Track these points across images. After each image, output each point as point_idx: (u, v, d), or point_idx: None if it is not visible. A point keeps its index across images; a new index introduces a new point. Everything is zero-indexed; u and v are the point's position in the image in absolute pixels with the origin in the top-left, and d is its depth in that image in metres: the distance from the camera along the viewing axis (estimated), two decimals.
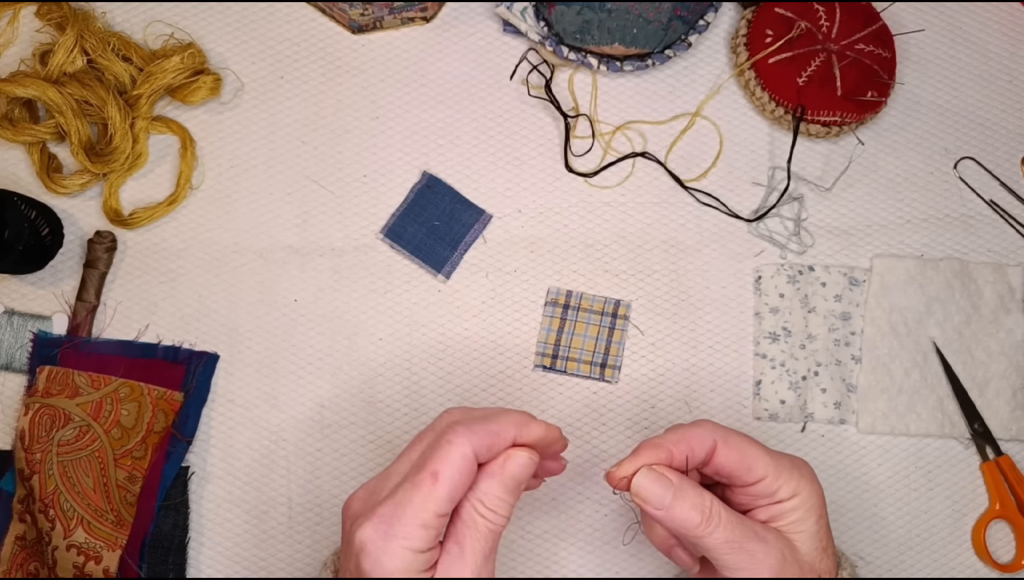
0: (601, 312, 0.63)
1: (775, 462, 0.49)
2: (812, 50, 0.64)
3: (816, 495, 0.49)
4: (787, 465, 0.49)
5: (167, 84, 0.63)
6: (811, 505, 0.49)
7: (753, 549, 0.46)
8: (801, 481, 0.49)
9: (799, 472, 0.49)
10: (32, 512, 0.59)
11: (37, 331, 0.62)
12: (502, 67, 0.67)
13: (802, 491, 0.48)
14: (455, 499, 0.45)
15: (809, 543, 0.48)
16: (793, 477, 0.49)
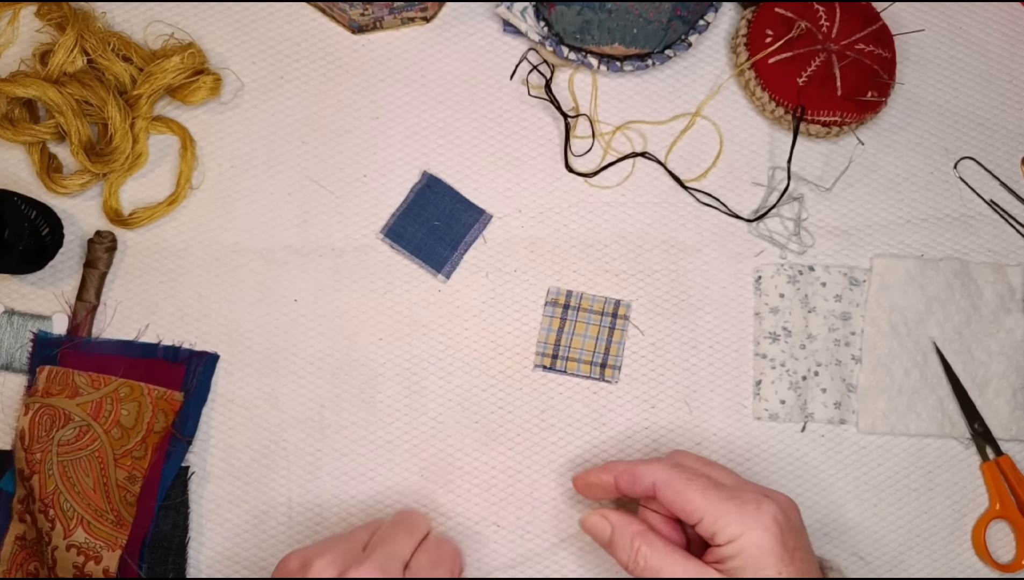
0: (601, 312, 0.63)
1: (716, 506, 0.49)
2: (812, 50, 0.64)
3: (762, 543, 0.48)
4: (731, 508, 0.49)
5: (167, 84, 0.63)
6: (752, 552, 0.48)
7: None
8: (746, 528, 0.48)
9: (747, 518, 0.48)
10: (32, 512, 0.59)
11: (37, 331, 0.62)
12: (502, 67, 0.67)
13: (742, 538, 0.48)
14: None
15: None
16: (733, 522, 0.48)
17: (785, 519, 0.49)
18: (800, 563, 0.49)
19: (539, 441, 0.63)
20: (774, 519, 0.48)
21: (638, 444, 0.63)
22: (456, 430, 0.63)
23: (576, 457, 0.62)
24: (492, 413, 0.63)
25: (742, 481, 0.54)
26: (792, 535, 0.49)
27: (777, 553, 0.48)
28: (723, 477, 0.53)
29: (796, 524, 0.51)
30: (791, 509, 0.52)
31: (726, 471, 0.55)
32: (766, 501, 0.50)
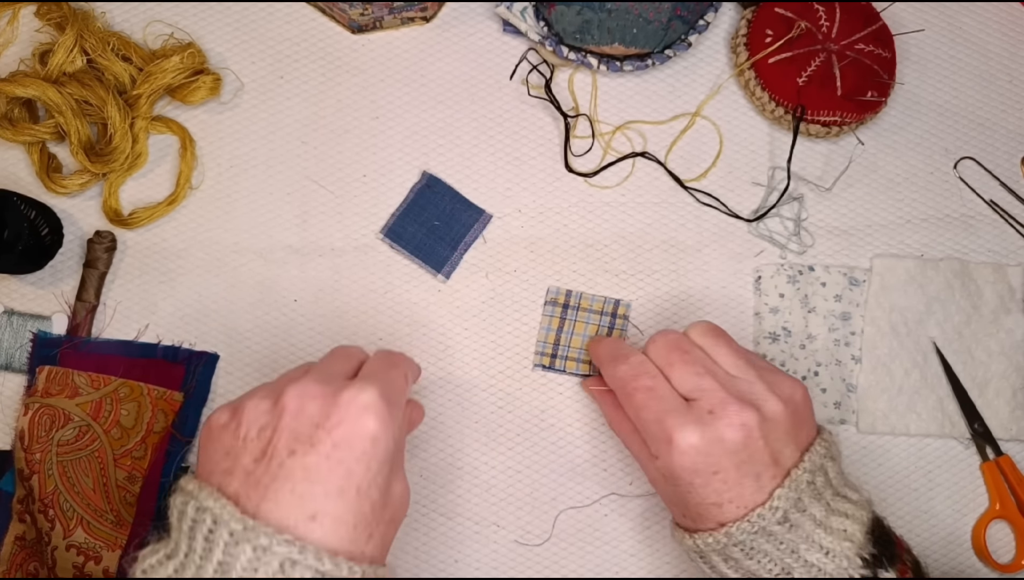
0: (601, 312, 0.63)
1: (643, 426, 0.53)
2: (812, 50, 0.64)
3: (668, 465, 0.51)
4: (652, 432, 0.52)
5: (167, 84, 0.63)
6: (663, 468, 0.52)
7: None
8: (659, 455, 0.51)
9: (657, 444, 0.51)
10: (32, 512, 0.59)
11: (37, 331, 0.62)
12: (502, 67, 0.67)
13: (659, 458, 0.52)
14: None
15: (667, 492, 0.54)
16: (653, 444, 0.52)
17: (706, 446, 0.49)
18: (720, 484, 0.49)
19: (539, 441, 0.63)
20: (687, 449, 0.49)
21: None
22: (456, 430, 0.63)
23: (576, 457, 0.62)
24: (492, 413, 0.63)
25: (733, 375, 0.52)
26: (713, 460, 0.49)
27: (684, 479, 0.50)
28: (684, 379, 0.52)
29: (731, 446, 0.49)
30: (735, 428, 0.49)
31: (732, 359, 0.53)
32: (689, 427, 0.49)
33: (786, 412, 0.51)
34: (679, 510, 0.53)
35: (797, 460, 0.51)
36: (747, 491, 0.49)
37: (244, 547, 0.40)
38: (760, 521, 0.49)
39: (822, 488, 0.51)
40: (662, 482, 0.53)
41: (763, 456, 0.50)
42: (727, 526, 0.49)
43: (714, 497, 0.50)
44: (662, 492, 0.54)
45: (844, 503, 0.51)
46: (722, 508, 0.50)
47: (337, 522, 0.42)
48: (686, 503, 0.51)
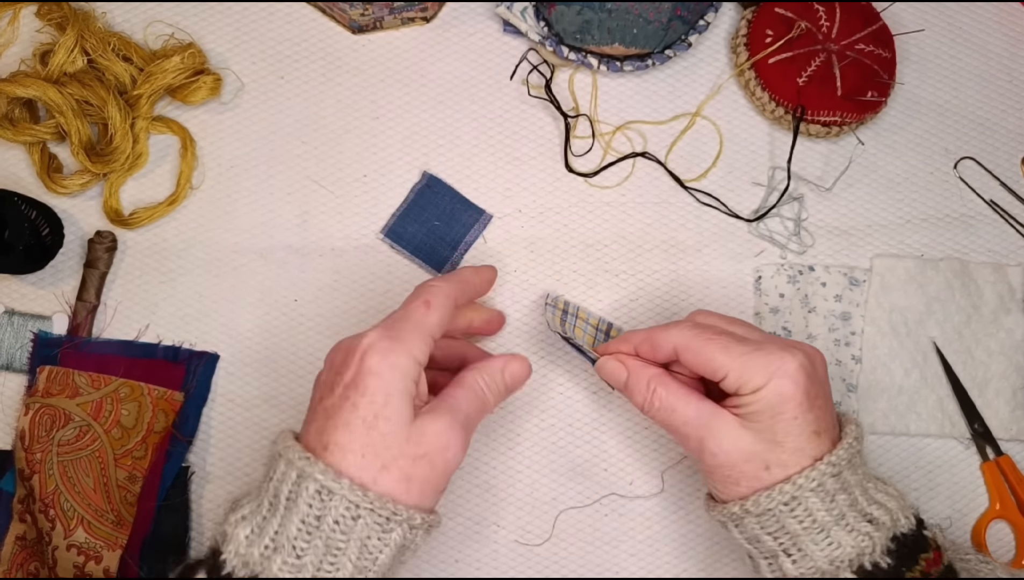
0: (596, 327, 0.63)
1: (740, 360, 0.50)
2: (812, 50, 0.64)
3: (783, 390, 0.49)
4: (757, 360, 0.50)
5: (167, 84, 0.63)
6: (772, 399, 0.49)
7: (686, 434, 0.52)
8: (772, 377, 0.49)
9: (773, 368, 0.49)
10: (32, 512, 0.59)
11: (37, 331, 0.62)
12: (502, 67, 0.67)
13: (766, 386, 0.49)
14: (442, 329, 0.51)
15: (758, 434, 0.49)
16: (759, 374, 0.49)
17: (812, 369, 0.50)
18: (820, 410, 0.50)
19: (539, 441, 0.63)
20: (800, 367, 0.49)
21: (639, 443, 0.63)
22: None
23: (576, 457, 0.62)
24: (492, 413, 0.63)
25: (766, 335, 0.53)
26: (815, 385, 0.50)
27: (798, 399, 0.49)
28: (746, 332, 0.53)
29: (820, 375, 0.51)
30: (817, 358, 0.52)
31: (749, 326, 0.54)
32: (792, 350, 0.50)
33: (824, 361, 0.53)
34: (765, 460, 0.49)
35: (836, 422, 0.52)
36: (832, 424, 0.50)
37: (279, 462, 0.48)
38: (851, 449, 0.49)
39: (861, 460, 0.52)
40: (740, 433, 0.50)
41: (831, 394, 0.52)
42: (826, 456, 0.49)
43: (815, 424, 0.49)
44: (735, 448, 0.50)
45: (876, 481, 0.52)
46: (820, 438, 0.49)
47: (343, 450, 0.46)
48: (786, 437, 0.49)
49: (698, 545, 0.61)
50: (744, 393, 0.50)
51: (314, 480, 0.45)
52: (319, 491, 0.45)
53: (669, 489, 0.62)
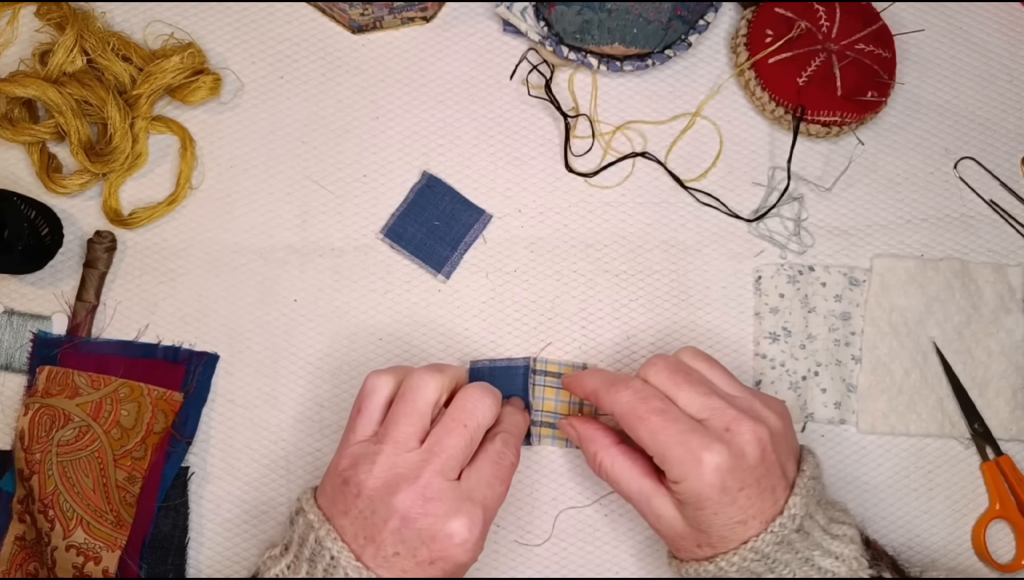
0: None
1: (663, 450, 0.50)
2: (812, 50, 0.64)
3: (699, 490, 0.49)
4: (675, 457, 0.50)
5: (167, 84, 0.63)
6: (690, 494, 0.50)
7: (632, 503, 0.54)
8: (680, 473, 0.50)
9: (688, 468, 0.49)
10: (32, 512, 0.59)
11: (37, 331, 0.62)
12: (502, 67, 0.67)
13: (683, 482, 0.50)
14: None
15: (685, 520, 0.51)
16: (675, 468, 0.50)
17: (733, 462, 0.49)
18: (746, 500, 0.49)
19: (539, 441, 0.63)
20: (714, 469, 0.49)
21: None
22: None
23: (576, 457, 0.62)
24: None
25: (711, 399, 0.52)
26: (739, 477, 0.49)
27: (714, 499, 0.49)
28: (692, 401, 0.52)
29: (752, 460, 0.50)
30: (752, 443, 0.50)
31: (699, 381, 0.53)
32: (714, 445, 0.49)
33: (784, 427, 0.53)
34: (696, 540, 0.51)
35: (796, 471, 0.52)
36: (767, 505, 0.50)
37: (338, 570, 0.49)
38: (782, 531, 0.49)
39: (819, 496, 0.52)
40: (672, 514, 0.52)
41: (775, 470, 0.50)
42: (751, 541, 0.49)
43: (739, 515, 0.49)
44: (667, 526, 0.52)
45: (834, 510, 0.53)
46: (747, 525, 0.50)
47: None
48: (709, 528, 0.50)
49: None
50: (668, 479, 0.51)
51: None
52: None
53: None
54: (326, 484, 0.53)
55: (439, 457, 0.51)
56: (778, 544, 0.50)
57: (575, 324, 0.64)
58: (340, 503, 0.51)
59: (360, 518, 0.50)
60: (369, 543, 0.50)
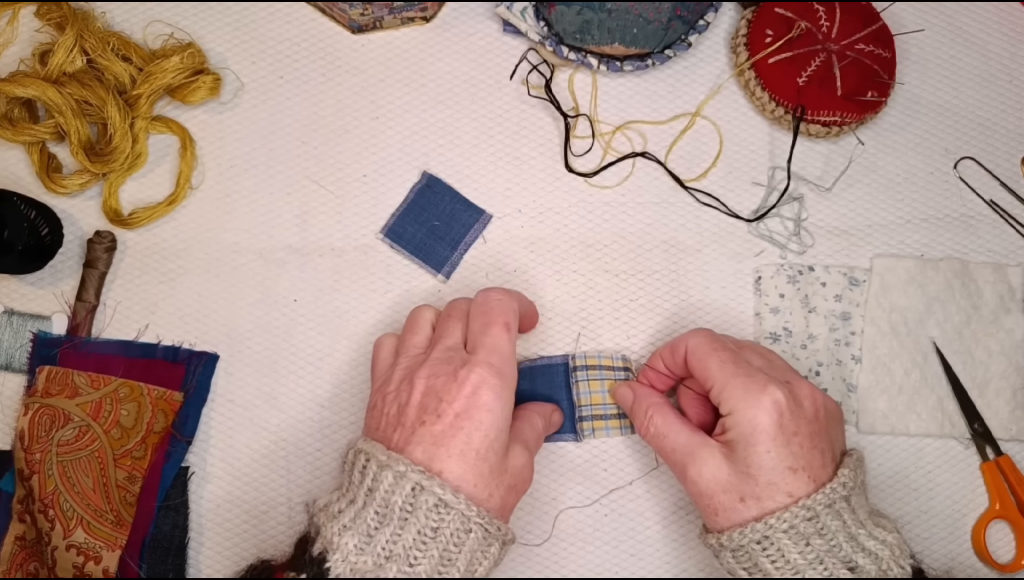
0: (611, 367, 0.62)
1: (726, 378, 0.52)
2: (812, 50, 0.64)
3: (755, 420, 0.50)
4: (737, 384, 0.51)
5: (167, 84, 0.63)
6: (744, 428, 0.50)
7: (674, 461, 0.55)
8: (746, 404, 0.51)
9: (749, 395, 0.51)
10: (32, 512, 0.59)
11: (37, 331, 0.62)
12: (502, 67, 0.67)
13: (738, 412, 0.51)
14: None
15: (735, 466, 0.51)
16: (735, 396, 0.51)
17: (792, 405, 0.51)
18: (799, 447, 0.50)
19: None
20: (774, 402, 0.50)
21: (639, 443, 0.63)
22: None
23: (576, 457, 0.62)
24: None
25: (774, 366, 0.55)
26: (795, 422, 0.50)
27: (770, 433, 0.50)
28: (754, 359, 0.55)
29: (808, 414, 0.51)
30: (808, 397, 0.52)
31: (762, 354, 0.56)
32: (776, 384, 0.51)
33: (837, 410, 0.55)
34: (740, 491, 0.50)
35: (840, 457, 0.53)
36: (816, 464, 0.50)
37: (387, 473, 0.49)
38: (833, 494, 0.49)
39: (863, 486, 0.52)
40: (720, 464, 0.51)
41: (826, 436, 0.51)
42: (803, 499, 0.49)
43: (791, 460, 0.50)
44: (715, 478, 0.51)
45: (878, 517, 0.52)
46: (797, 475, 0.49)
47: (459, 479, 0.49)
48: (759, 470, 0.50)
49: (698, 545, 0.61)
50: (723, 414, 0.52)
51: (432, 493, 0.48)
52: (437, 504, 0.48)
53: (669, 489, 0.62)
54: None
55: (441, 339, 0.54)
56: (828, 507, 0.49)
57: (575, 324, 0.64)
58: (372, 419, 0.54)
59: (386, 414, 0.52)
60: (397, 427, 0.51)
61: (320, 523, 0.50)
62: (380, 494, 0.48)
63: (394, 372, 0.54)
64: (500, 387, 0.51)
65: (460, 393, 0.50)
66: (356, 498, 0.50)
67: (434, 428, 0.50)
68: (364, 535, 0.48)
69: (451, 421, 0.50)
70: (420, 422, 0.50)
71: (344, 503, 0.50)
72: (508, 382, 0.52)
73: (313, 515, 0.51)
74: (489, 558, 0.50)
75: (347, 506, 0.50)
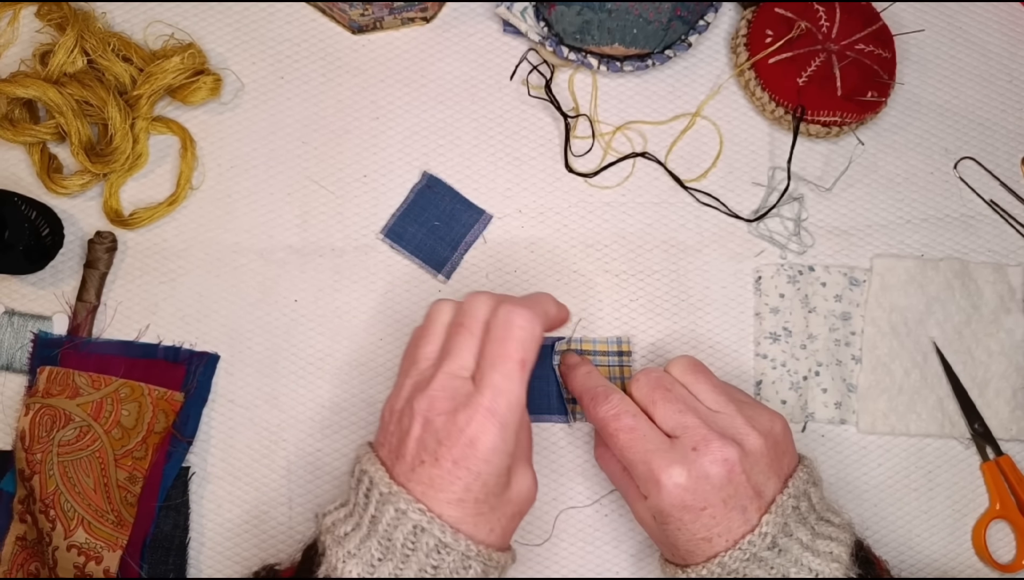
0: (606, 353, 0.63)
1: (636, 462, 0.52)
2: (812, 50, 0.64)
3: (660, 508, 0.51)
4: (643, 473, 0.52)
5: (167, 84, 0.63)
6: (652, 504, 0.52)
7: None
8: (650, 493, 0.51)
9: (651, 485, 0.51)
10: (33, 512, 0.59)
11: (37, 331, 0.62)
12: (502, 67, 0.67)
13: (648, 498, 0.52)
14: None
15: (658, 526, 0.53)
16: (643, 483, 0.52)
17: (695, 482, 0.50)
18: (710, 518, 0.50)
19: (539, 441, 0.63)
20: (674, 487, 0.50)
21: None
22: None
23: (576, 457, 0.62)
24: None
25: (721, 414, 0.52)
26: (704, 495, 0.50)
27: (675, 516, 0.51)
28: (699, 406, 0.53)
29: (716, 481, 0.50)
30: (718, 464, 0.50)
31: (715, 394, 0.53)
32: (680, 464, 0.50)
33: (766, 445, 0.52)
34: (669, 548, 0.53)
35: (780, 489, 0.52)
36: (735, 524, 0.50)
37: (389, 507, 0.48)
38: (751, 548, 0.50)
39: (806, 513, 0.52)
40: (651, 521, 0.53)
41: (746, 490, 0.50)
42: (719, 556, 0.50)
43: (703, 532, 0.50)
44: (651, 531, 0.54)
45: (828, 527, 0.52)
46: (711, 542, 0.50)
47: (458, 521, 0.49)
48: (676, 541, 0.52)
49: None
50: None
51: (432, 536, 0.48)
52: (437, 546, 0.48)
53: None
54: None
55: (449, 357, 0.51)
56: (746, 561, 0.50)
57: (575, 324, 0.64)
58: (381, 431, 0.53)
59: (391, 436, 0.51)
60: (398, 458, 0.50)
61: (327, 544, 0.50)
62: (383, 526, 0.48)
63: (403, 385, 0.52)
64: (500, 439, 0.49)
65: (458, 441, 0.48)
66: (361, 523, 0.49)
67: (432, 471, 0.49)
68: (368, 565, 0.48)
69: (449, 467, 0.48)
70: (419, 461, 0.49)
71: (350, 526, 0.50)
72: (511, 430, 0.49)
73: (320, 531, 0.51)
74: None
75: (352, 530, 0.49)
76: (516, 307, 0.51)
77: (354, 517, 0.50)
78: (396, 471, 0.50)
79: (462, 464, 0.48)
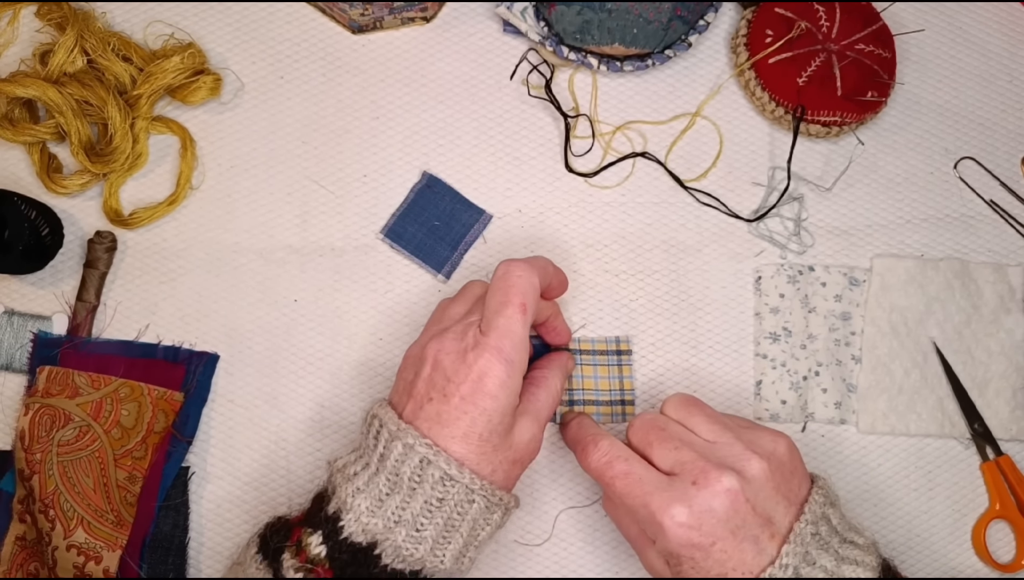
0: (605, 352, 0.63)
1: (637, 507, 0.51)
2: (812, 50, 0.64)
3: (668, 550, 0.50)
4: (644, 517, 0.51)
5: (167, 84, 0.63)
6: (663, 551, 0.51)
7: None
8: (655, 536, 0.51)
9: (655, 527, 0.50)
10: (32, 512, 0.59)
11: (37, 331, 0.62)
12: (502, 67, 0.67)
13: (656, 542, 0.51)
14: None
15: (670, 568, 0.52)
16: (647, 526, 0.51)
17: (703, 517, 0.49)
18: (721, 552, 0.49)
19: None
20: (679, 526, 0.49)
21: None
22: None
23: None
24: None
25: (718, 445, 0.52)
26: (711, 532, 0.49)
27: (684, 555, 0.50)
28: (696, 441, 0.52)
29: (722, 515, 0.49)
30: (721, 496, 0.49)
31: (712, 426, 0.53)
32: (679, 503, 0.49)
33: (769, 468, 0.50)
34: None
35: (795, 514, 0.50)
36: (748, 556, 0.49)
37: (397, 443, 0.51)
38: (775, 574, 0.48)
39: (828, 537, 0.50)
40: (663, 565, 0.52)
41: (754, 518, 0.49)
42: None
43: (717, 568, 0.49)
44: (664, 575, 0.52)
45: (852, 549, 0.50)
46: (725, 576, 0.49)
47: (462, 457, 0.51)
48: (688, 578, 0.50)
49: None
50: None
51: (438, 467, 0.50)
52: (443, 477, 0.50)
53: None
54: None
55: (455, 303, 0.57)
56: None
57: (575, 324, 0.64)
58: (398, 378, 0.55)
59: (403, 381, 0.54)
60: (408, 398, 0.52)
61: (336, 483, 0.52)
62: (391, 462, 0.51)
63: (422, 338, 0.56)
64: (506, 375, 0.51)
65: (467, 377, 0.51)
66: (370, 462, 0.52)
67: (440, 407, 0.51)
68: (376, 499, 0.50)
69: (456, 403, 0.51)
70: (428, 398, 0.52)
71: (359, 466, 0.52)
72: (516, 368, 0.52)
73: (331, 474, 0.53)
74: (492, 524, 0.52)
75: (362, 469, 0.52)
76: (513, 261, 0.55)
77: (364, 458, 0.52)
78: (405, 411, 0.52)
79: (470, 399, 0.50)
